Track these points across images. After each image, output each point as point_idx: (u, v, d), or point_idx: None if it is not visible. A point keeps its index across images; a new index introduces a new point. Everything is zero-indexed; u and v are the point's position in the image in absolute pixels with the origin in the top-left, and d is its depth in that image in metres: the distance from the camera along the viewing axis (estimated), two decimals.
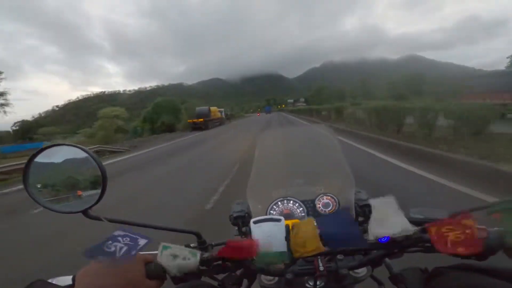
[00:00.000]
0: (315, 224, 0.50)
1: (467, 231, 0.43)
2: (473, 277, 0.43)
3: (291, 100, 77.80)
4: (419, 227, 0.47)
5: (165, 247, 0.49)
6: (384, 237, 0.47)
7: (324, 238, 0.49)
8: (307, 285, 0.56)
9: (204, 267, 0.51)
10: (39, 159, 0.46)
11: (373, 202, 0.50)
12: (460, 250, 0.43)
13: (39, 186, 0.47)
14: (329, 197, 0.78)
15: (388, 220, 0.47)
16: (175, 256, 0.48)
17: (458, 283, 0.43)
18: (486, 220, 0.46)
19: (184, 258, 0.48)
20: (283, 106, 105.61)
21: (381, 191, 2.06)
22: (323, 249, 0.48)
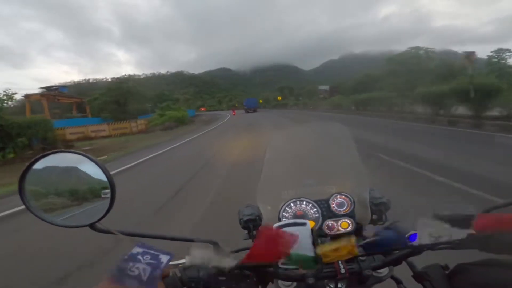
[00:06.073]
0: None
1: None
2: (500, 272, 0.44)
3: (326, 87, 54.15)
4: (469, 230, 0.48)
5: (195, 250, 0.51)
6: (414, 235, 0.50)
7: (363, 245, 0.53)
8: None
9: (223, 278, 0.53)
10: (38, 167, 0.46)
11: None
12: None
13: (38, 198, 0.46)
14: (344, 196, 0.80)
15: (437, 226, 0.50)
16: (208, 257, 0.51)
17: (484, 279, 0.45)
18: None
19: (216, 259, 0.51)
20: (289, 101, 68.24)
21: None
22: (357, 252, 0.51)
